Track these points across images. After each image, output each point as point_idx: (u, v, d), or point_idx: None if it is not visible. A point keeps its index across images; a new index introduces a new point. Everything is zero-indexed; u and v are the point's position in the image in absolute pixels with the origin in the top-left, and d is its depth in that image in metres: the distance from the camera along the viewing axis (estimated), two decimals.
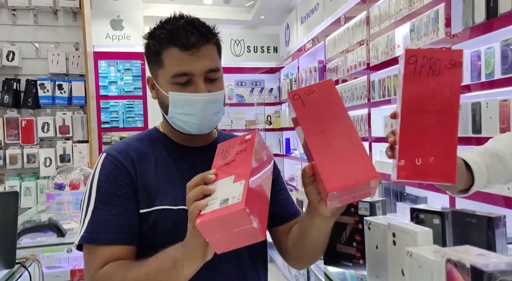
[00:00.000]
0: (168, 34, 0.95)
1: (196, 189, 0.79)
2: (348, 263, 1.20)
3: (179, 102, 0.97)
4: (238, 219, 0.73)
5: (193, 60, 0.94)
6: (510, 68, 1.92)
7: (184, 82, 0.96)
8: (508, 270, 0.59)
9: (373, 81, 3.29)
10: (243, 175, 0.78)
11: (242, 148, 0.85)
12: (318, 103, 0.84)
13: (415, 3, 2.73)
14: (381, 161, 3.20)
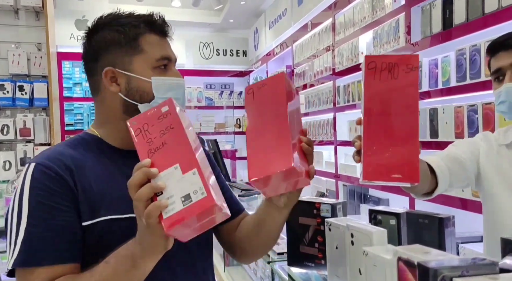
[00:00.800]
0: (146, 21, 0.97)
1: (144, 189, 0.72)
2: (310, 263, 1.24)
3: (164, 87, 0.95)
4: (209, 212, 0.71)
5: (168, 47, 0.99)
6: (464, 76, 2.04)
7: (164, 68, 0.96)
8: (450, 266, 0.63)
9: (338, 86, 3.39)
10: (190, 162, 0.73)
11: (166, 125, 0.77)
12: (265, 97, 0.85)
13: (377, 12, 2.83)
14: (346, 164, 3.30)
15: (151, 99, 0.95)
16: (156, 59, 0.95)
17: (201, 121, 6.59)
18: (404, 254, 0.73)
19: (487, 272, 0.64)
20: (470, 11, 2.00)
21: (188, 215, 0.70)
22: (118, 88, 0.96)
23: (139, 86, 0.95)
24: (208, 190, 0.71)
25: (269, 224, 0.98)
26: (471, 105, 1.97)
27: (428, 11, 2.29)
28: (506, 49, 1.19)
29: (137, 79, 0.95)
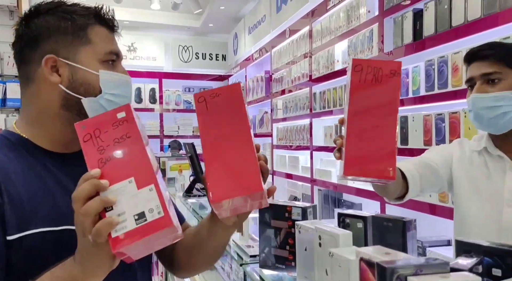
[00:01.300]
0: (95, 13, 0.90)
1: (93, 203, 0.64)
2: (281, 265, 1.28)
3: (112, 82, 0.88)
4: (164, 234, 0.66)
5: (116, 43, 0.93)
6: (432, 86, 2.13)
7: (112, 63, 0.90)
8: (405, 265, 0.68)
9: (315, 93, 3.46)
10: (147, 177, 0.67)
11: (122, 134, 0.69)
12: (220, 108, 0.78)
13: (352, 22, 2.92)
14: (321, 169, 3.37)
15: (97, 94, 0.87)
16: (105, 52, 0.88)
17: (179, 125, 6.57)
18: (366, 255, 0.78)
19: (439, 271, 0.69)
20: (438, 24, 2.09)
21: (140, 236, 0.64)
22: (59, 79, 0.86)
23: (84, 78, 0.86)
24: (165, 210, 0.65)
25: (214, 242, 0.93)
26: (438, 114, 2.06)
27: (400, 22, 2.38)
28: (479, 59, 1.23)
29: (83, 71, 0.86)
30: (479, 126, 1.27)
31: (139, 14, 5.82)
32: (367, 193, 2.70)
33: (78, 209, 0.65)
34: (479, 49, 1.25)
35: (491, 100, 1.18)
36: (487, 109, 1.20)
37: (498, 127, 1.22)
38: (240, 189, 0.73)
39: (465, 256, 0.81)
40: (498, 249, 0.79)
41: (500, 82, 1.19)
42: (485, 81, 1.21)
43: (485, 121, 1.22)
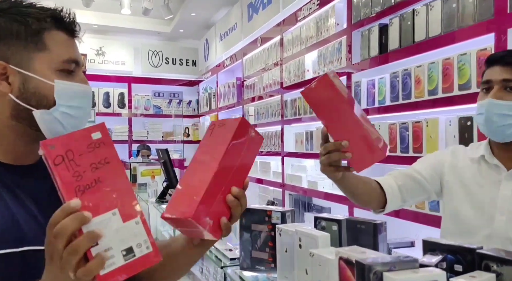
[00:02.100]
0: (53, 16, 0.81)
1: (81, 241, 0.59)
2: (261, 267, 1.35)
3: (69, 93, 0.81)
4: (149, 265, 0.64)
5: (77, 49, 0.84)
6: (397, 97, 2.28)
7: (70, 72, 0.82)
8: (381, 262, 0.77)
9: (286, 100, 3.57)
10: (131, 209, 0.63)
11: (100, 158, 0.64)
12: (217, 136, 0.81)
13: (322, 33, 3.05)
14: (292, 174, 3.47)
15: (50, 105, 0.79)
16: (62, 60, 0.80)
17: (148, 130, 6.53)
18: (345, 254, 0.86)
19: (410, 267, 0.79)
20: (402, 39, 2.25)
21: (130, 272, 0.61)
22: (9, 88, 0.78)
23: (37, 88, 0.79)
24: (153, 244, 0.64)
25: (182, 260, 0.90)
26: (402, 123, 2.20)
27: (367, 36, 2.53)
28: (503, 65, 1.20)
29: (36, 80, 0.78)
30: (485, 131, 1.25)
31: (108, 18, 5.76)
32: (336, 197, 2.82)
33: (61, 247, 0.59)
34: (505, 54, 1.23)
35: (507, 108, 1.17)
36: (499, 116, 1.18)
37: (503, 136, 1.21)
38: (178, 210, 0.74)
39: (431, 254, 0.91)
40: (459, 248, 0.90)
41: None
42: (503, 88, 1.19)
43: (494, 128, 1.20)
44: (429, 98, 2.06)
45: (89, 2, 5.06)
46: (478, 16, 1.81)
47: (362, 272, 0.77)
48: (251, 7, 4.45)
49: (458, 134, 1.91)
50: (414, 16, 2.15)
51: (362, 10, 2.57)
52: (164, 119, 6.61)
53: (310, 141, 3.18)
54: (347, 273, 0.87)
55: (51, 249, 0.61)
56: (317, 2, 3.10)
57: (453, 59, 1.93)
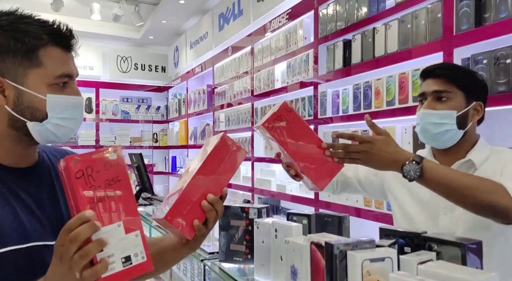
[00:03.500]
0: (51, 32, 0.86)
1: (92, 247, 0.68)
2: (239, 258, 1.49)
3: (61, 106, 0.86)
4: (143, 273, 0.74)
5: (71, 63, 0.89)
6: (359, 106, 2.50)
7: (64, 85, 0.87)
8: (345, 243, 0.94)
9: (256, 108, 3.74)
10: (133, 223, 0.73)
11: (113, 176, 0.73)
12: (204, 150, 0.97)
13: (291, 46, 3.25)
14: (261, 179, 3.63)
15: (43, 118, 0.85)
16: (55, 76, 0.85)
17: (116, 135, 6.50)
18: (315, 239, 1.03)
19: (368, 247, 0.96)
20: (364, 54, 2.47)
21: (125, 277, 0.71)
22: (4, 101, 0.84)
23: (30, 102, 0.85)
24: (148, 255, 0.73)
25: (171, 255, 0.99)
26: (364, 130, 2.42)
27: (332, 50, 2.74)
28: (434, 77, 1.28)
29: (29, 95, 0.84)
30: (423, 140, 1.33)
31: (77, 23, 5.73)
32: (303, 199, 3.01)
33: (74, 250, 0.68)
34: (435, 68, 1.31)
35: (437, 117, 1.25)
36: (433, 125, 1.26)
37: (440, 143, 1.29)
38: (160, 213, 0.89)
39: (386, 238, 1.09)
40: (408, 233, 1.09)
41: (448, 101, 1.26)
42: (435, 98, 1.27)
43: (429, 136, 1.28)
44: (387, 108, 2.28)
45: (59, 7, 5.04)
46: (430, 36, 2.05)
47: (330, 251, 0.94)
48: (222, 17, 4.60)
49: (412, 141, 2.13)
50: (375, 33, 2.38)
51: (328, 25, 2.79)
52: (132, 124, 6.60)
53: None
54: (317, 255, 1.03)
55: (63, 251, 0.69)
56: (286, 16, 3.30)
57: (408, 74, 2.16)
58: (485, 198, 1.10)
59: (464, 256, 0.94)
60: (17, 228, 0.81)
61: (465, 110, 1.27)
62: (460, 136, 1.28)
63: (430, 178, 1.15)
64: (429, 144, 1.36)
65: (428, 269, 0.81)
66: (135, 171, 3.33)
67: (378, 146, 1.18)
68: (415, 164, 1.15)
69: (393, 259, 0.92)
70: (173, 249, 0.98)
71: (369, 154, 1.18)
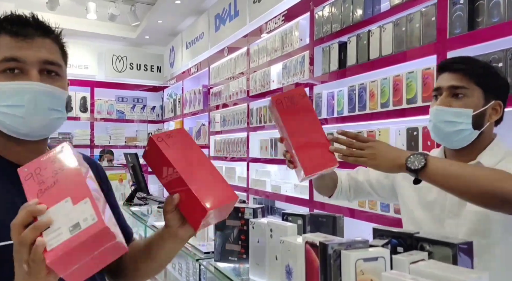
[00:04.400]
0: (1, 22, 0.87)
1: (28, 230, 0.65)
2: (234, 258, 1.50)
3: (5, 93, 0.83)
4: (100, 239, 0.67)
5: (26, 48, 0.85)
6: (353, 108, 2.52)
7: (14, 71, 0.85)
8: (338, 243, 0.96)
9: (252, 108, 3.75)
10: (82, 193, 0.70)
11: (60, 166, 0.74)
12: (178, 144, 0.92)
13: (287, 47, 3.27)
14: (256, 179, 3.65)
15: None
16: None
17: (111, 134, 6.49)
18: (310, 239, 1.04)
19: (362, 247, 0.98)
20: (359, 56, 2.50)
21: (74, 243, 0.65)
22: None
23: None
24: (99, 215, 0.67)
25: (164, 254, 0.97)
26: (358, 132, 2.44)
27: (328, 52, 2.77)
28: (451, 71, 1.20)
29: None
30: (435, 138, 1.26)
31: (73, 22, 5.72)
32: (297, 200, 3.03)
33: (15, 239, 0.66)
34: (453, 61, 1.23)
35: (452, 115, 1.17)
36: (446, 123, 1.18)
37: (451, 143, 1.22)
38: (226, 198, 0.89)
39: (379, 238, 1.11)
40: (401, 233, 1.10)
41: (465, 98, 1.18)
42: (451, 94, 1.19)
43: (442, 135, 1.21)
44: (382, 110, 2.31)
45: (54, 5, 5.03)
46: (424, 39, 2.08)
47: (325, 251, 0.95)
48: (218, 18, 4.61)
49: (406, 142, 2.16)
50: (370, 36, 2.40)
51: (323, 27, 2.81)
52: (127, 124, 6.60)
53: (274, 147, 3.37)
54: (312, 255, 1.05)
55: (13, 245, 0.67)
56: (282, 17, 3.32)
57: (402, 76, 2.19)
58: (492, 186, 1.03)
59: (455, 256, 0.96)
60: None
61: (482, 109, 1.18)
62: (474, 138, 1.20)
63: (435, 168, 1.09)
64: (440, 143, 1.28)
65: (420, 268, 0.83)
66: (130, 170, 3.33)
67: (382, 145, 1.17)
68: (420, 155, 1.11)
69: (386, 258, 0.94)
70: (162, 244, 0.95)
71: (374, 151, 1.15)
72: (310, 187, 2.89)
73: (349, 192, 1.50)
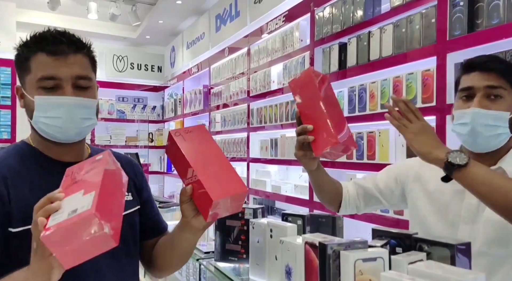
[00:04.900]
0: (37, 41, 0.97)
1: (40, 211, 0.76)
2: (234, 258, 1.52)
3: (44, 106, 0.96)
4: (88, 225, 0.73)
5: (60, 65, 0.96)
6: (354, 109, 2.53)
7: (51, 87, 0.96)
8: (338, 243, 0.97)
9: (252, 109, 3.76)
10: (92, 187, 0.79)
11: (92, 167, 0.87)
12: (195, 139, 1.00)
13: (287, 48, 3.28)
14: (256, 179, 3.66)
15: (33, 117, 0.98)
16: (37, 79, 0.96)
17: (111, 134, 6.50)
18: (309, 239, 1.05)
19: (361, 247, 0.99)
20: (359, 57, 2.50)
21: (65, 223, 0.73)
22: (22, 105, 1.02)
23: (28, 104, 0.99)
24: (93, 204, 0.74)
25: (184, 244, 1.07)
26: (358, 133, 2.45)
27: (328, 52, 2.78)
28: (482, 70, 1.14)
29: (27, 98, 0.99)
30: (468, 141, 1.17)
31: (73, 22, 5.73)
32: (297, 200, 3.04)
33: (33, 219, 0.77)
34: (487, 60, 1.16)
35: (491, 118, 1.11)
36: (486, 127, 1.11)
37: (487, 147, 1.15)
38: (233, 189, 0.95)
39: (378, 239, 1.12)
40: (400, 234, 1.11)
41: (501, 99, 1.12)
42: (486, 95, 1.13)
43: (480, 139, 1.13)
44: (382, 111, 2.31)
45: (55, 5, 5.04)
46: (423, 41, 2.09)
47: (324, 251, 0.96)
48: (219, 19, 4.62)
49: (405, 144, 2.17)
50: (370, 37, 2.41)
51: (324, 28, 2.82)
52: (128, 124, 6.60)
53: (274, 148, 3.38)
54: (311, 255, 1.06)
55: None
56: (283, 18, 3.33)
57: (402, 78, 2.20)
58: None
59: (453, 256, 0.97)
60: None
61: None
62: (507, 141, 1.15)
63: (476, 171, 1.04)
64: (472, 147, 1.18)
65: (418, 268, 0.84)
66: None
67: (431, 130, 1.14)
68: (461, 153, 1.05)
69: (384, 259, 0.95)
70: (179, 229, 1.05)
71: (420, 128, 1.12)
72: (310, 188, 2.90)
73: (358, 201, 1.43)
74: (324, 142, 1.18)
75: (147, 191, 1.22)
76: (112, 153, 0.98)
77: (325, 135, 1.18)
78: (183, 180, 0.98)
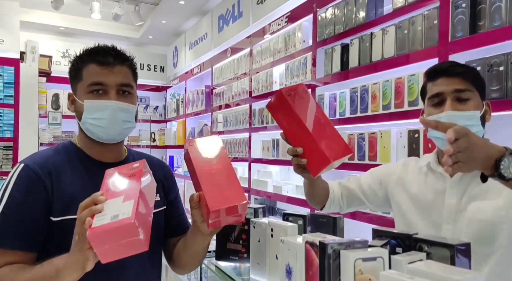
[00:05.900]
0: (89, 53, 1.16)
1: (86, 211, 0.89)
2: (235, 257, 1.52)
3: (92, 108, 1.13)
4: (127, 231, 0.86)
5: (108, 74, 1.14)
6: (355, 110, 2.53)
7: (99, 92, 1.13)
8: (338, 243, 0.97)
9: (254, 109, 3.77)
10: (131, 196, 0.92)
11: (131, 173, 0.99)
12: (207, 149, 1.10)
13: (289, 48, 3.29)
14: (258, 179, 3.66)
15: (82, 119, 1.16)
16: (87, 85, 1.14)
17: None
18: (310, 239, 1.06)
19: (361, 247, 0.99)
20: (361, 58, 2.51)
21: (109, 226, 0.86)
22: (73, 109, 1.20)
23: (78, 107, 1.17)
24: (133, 213, 0.87)
25: (195, 246, 1.18)
26: (360, 134, 2.46)
27: (330, 53, 2.78)
28: (447, 76, 1.19)
29: (78, 102, 1.16)
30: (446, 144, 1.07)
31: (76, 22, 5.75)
32: (298, 201, 3.05)
33: (77, 216, 0.91)
34: (449, 66, 1.22)
35: (465, 119, 1.15)
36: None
37: None
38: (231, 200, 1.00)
39: (378, 239, 1.12)
40: (399, 234, 1.12)
41: (470, 101, 1.18)
42: (456, 99, 1.17)
43: None
44: (383, 112, 2.32)
45: (59, 5, 5.06)
46: (425, 42, 2.09)
47: (324, 250, 0.97)
48: (222, 19, 4.64)
49: (407, 145, 2.17)
50: (372, 38, 2.42)
51: (326, 29, 2.82)
52: None
53: (276, 148, 3.39)
54: (312, 254, 1.06)
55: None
56: (285, 19, 3.34)
57: (404, 79, 2.20)
58: None
59: (453, 257, 0.97)
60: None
61: (483, 110, 1.19)
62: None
63: None
64: None
65: (417, 268, 0.84)
66: None
67: (473, 138, 0.95)
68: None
69: (384, 258, 0.95)
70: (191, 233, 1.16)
71: (469, 149, 0.94)
72: None
73: (342, 201, 1.50)
74: (319, 164, 1.18)
75: (175, 192, 1.34)
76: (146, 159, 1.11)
77: (317, 157, 1.17)
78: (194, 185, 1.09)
